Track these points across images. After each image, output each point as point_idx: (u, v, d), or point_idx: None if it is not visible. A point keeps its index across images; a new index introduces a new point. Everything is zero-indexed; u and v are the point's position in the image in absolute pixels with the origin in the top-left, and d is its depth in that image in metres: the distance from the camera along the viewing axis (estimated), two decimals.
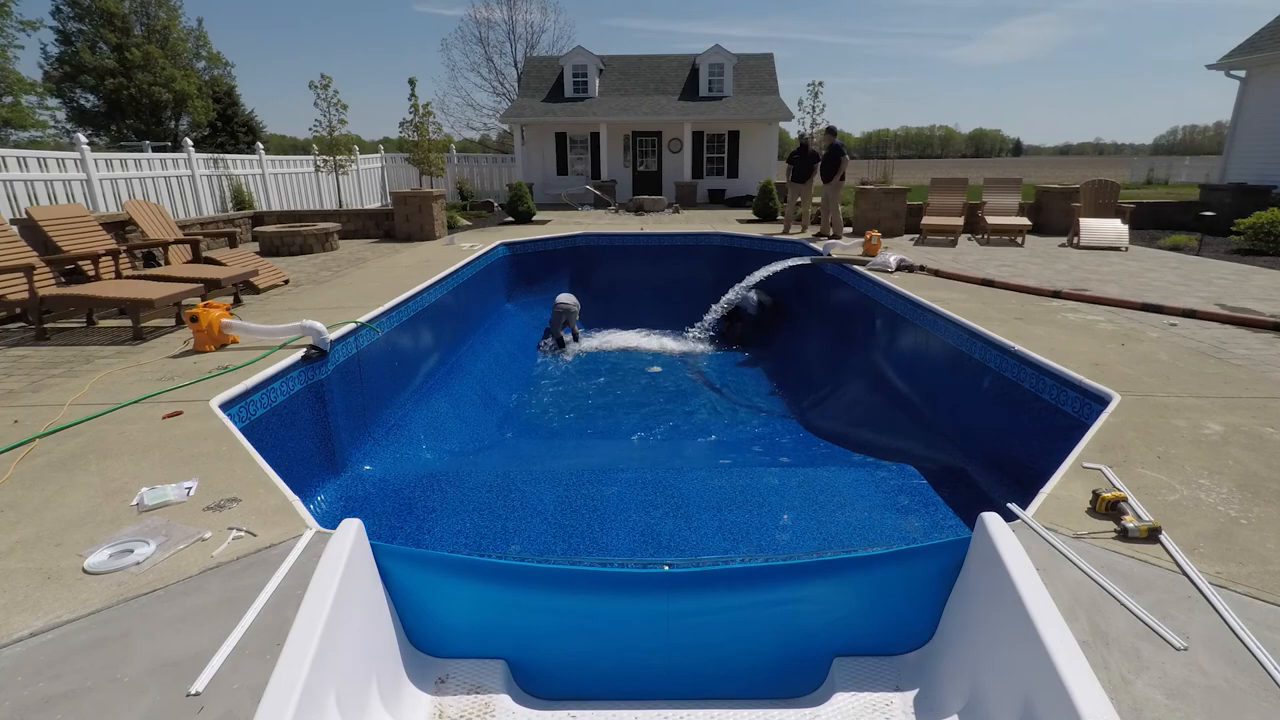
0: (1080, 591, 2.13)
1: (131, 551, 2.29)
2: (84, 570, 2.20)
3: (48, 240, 5.94)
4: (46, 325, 5.23)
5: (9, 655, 1.84)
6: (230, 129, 31.48)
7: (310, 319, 4.56)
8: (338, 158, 14.96)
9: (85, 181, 9.12)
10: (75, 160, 9.01)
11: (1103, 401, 3.64)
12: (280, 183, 14.36)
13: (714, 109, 18.93)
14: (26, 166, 8.31)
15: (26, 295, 5.06)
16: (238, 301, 6.23)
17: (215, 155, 12.62)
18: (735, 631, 2.54)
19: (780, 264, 8.98)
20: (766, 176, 15.99)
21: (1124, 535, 2.41)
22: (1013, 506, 2.67)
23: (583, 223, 12.91)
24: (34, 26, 23.96)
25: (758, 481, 4.33)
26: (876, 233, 8.71)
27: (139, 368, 4.28)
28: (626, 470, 4.60)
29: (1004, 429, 4.44)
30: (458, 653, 2.54)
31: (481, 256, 9.03)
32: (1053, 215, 11.21)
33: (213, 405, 3.52)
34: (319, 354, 4.47)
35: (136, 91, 27.29)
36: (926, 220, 10.30)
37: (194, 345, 4.58)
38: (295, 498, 2.73)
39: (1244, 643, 1.89)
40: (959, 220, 10.27)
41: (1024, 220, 10.20)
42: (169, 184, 10.90)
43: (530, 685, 2.54)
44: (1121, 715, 1.64)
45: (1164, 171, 27.20)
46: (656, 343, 9.68)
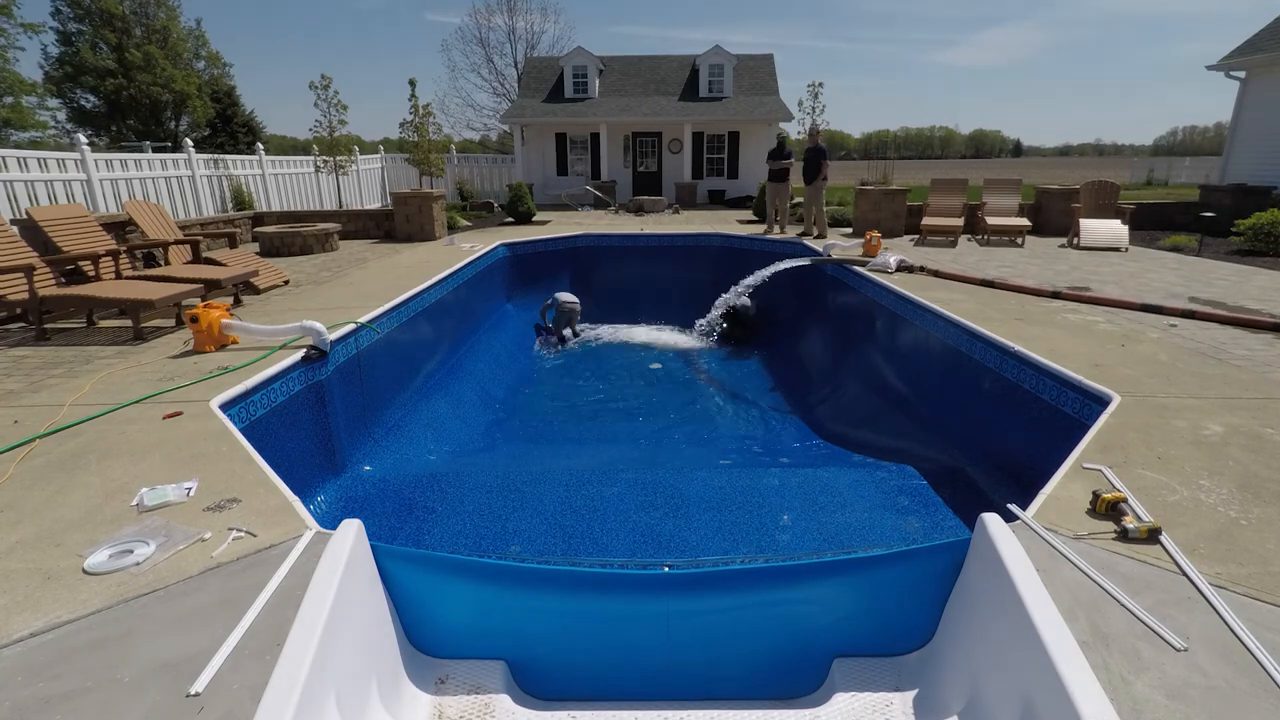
0: (1080, 592, 2.13)
1: (131, 552, 2.29)
2: (84, 570, 2.20)
3: (48, 240, 5.94)
4: (47, 325, 5.23)
5: (9, 655, 1.84)
6: (230, 129, 31.50)
7: (310, 319, 4.56)
8: (338, 158, 14.96)
9: (85, 182, 9.12)
10: (75, 161, 9.01)
11: (1103, 402, 3.64)
12: (280, 183, 14.36)
13: (714, 109, 18.94)
14: (27, 167, 8.31)
15: (27, 295, 5.06)
16: (238, 302, 6.24)
17: (215, 156, 12.62)
18: (735, 632, 2.54)
19: (780, 265, 8.98)
20: (766, 178, 15.97)
21: (1124, 536, 2.41)
22: (1013, 507, 2.67)
23: (583, 223, 12.91)
24: (36, 30, 23.98)
25: (758, 481, 4.33)
26: (876, 233, 8.72)
27: (139, 368, 4.28)
28: (626, 470, 4.60)
29: (1004, 430, 4.44)
30: (458, 653, 2.54)
31: (481, 257, 9.03)
32: (1053, 216, 11.21)
33: (213, 405, 3.52)
34: (319, 354, 4.47)
35: (136, 92, 27.32)
36: (926, 221, 10.30)
37: (194, 345, 4.58)
38: (295, 498, 2.73)
39: (1244, 643, 1.89)
40: (959, 221, 10.27)
41: (1024, 221, 10.20)
42: (169, 184, 10.90)
43: (530, 686, 2.54)
44: (1121, 715, 1.64)
45: (1164, 172, 27.22)
46: (657, 339, 9.69)
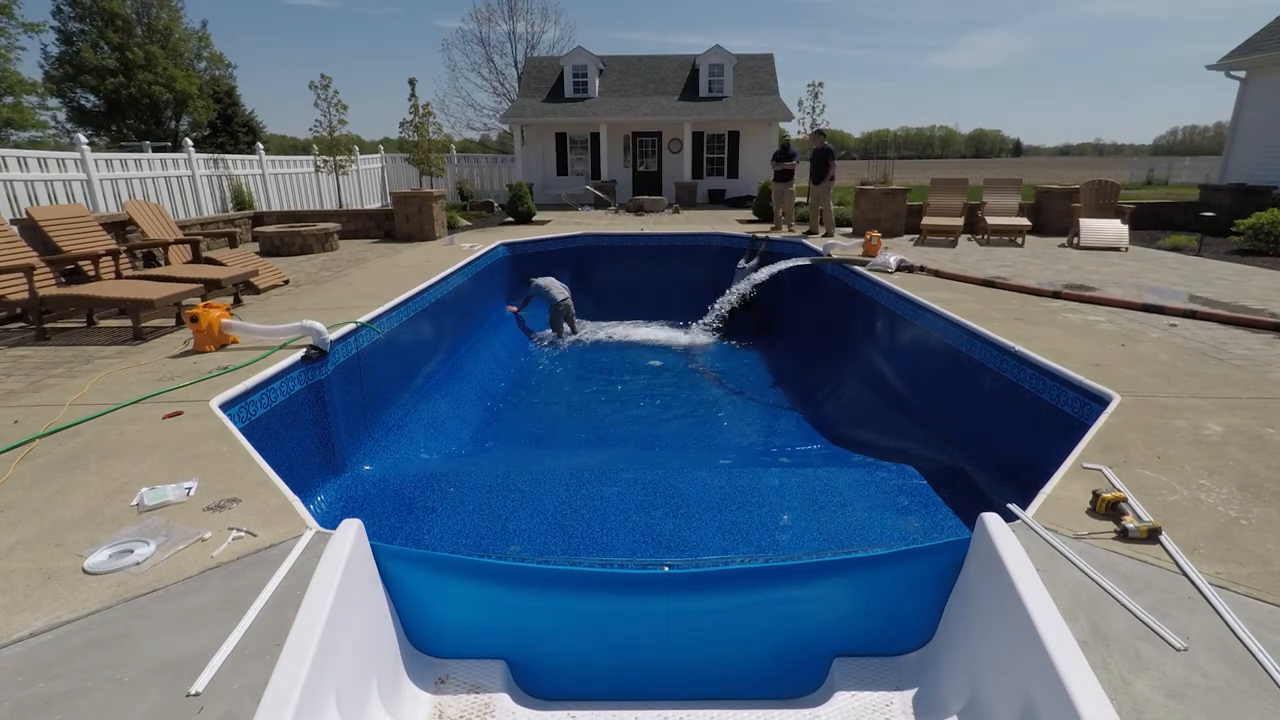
0: (1080, 592, 2.13)
1: (131, 552, 2.29)
2: (84, 570, 2.20)
3: (48, 240, 5.94)
4: (46, 325, 5.23)
5: (9, 655, 1.84)
6: (230, 129, 31.50)
7: (310, 319, 4.56)
8: (338, 158, 14.96)
9: (85, 182, 9.12)
10: (75, 160, 9.01)
11: (1103, 402, 3.64)
12: (280, 183, 14.36)
13: (714, 109, 18.93)
14: (27, 166, 8.31)
15: (26, 295, 5.06)
16: (238, 301, 6.24)
17: (215, 155, 12.62)
18: (735, 632, 2.54)
19: (780, 264, 8.99)
20: (767, 177, 15.96)
21: (1124, 536, 2.41)
22: (1013, 507, 2.67)
23: (583, 223, 12.91)
24: (37, 29, 23.97)
25: (758, 481, 4.33)
26: (876, 233, 8.72)
27: (139, 368, 4.28)
28: (626, 470, 4.60)
29: (1004, 429, 4.44)
30: (458, 653, 2.54)
31: (481, 257, 9.03)
32: (1053, 216, 11.21)
33: (213, 405, 3.52)
34: (319, 354, 4.47)
35: (137, 91, 27.32)
36: (926, 220, 10.30)
37: (194, 345, 4.58)
38: (295, 498, 2.73)
39: (1244, 643, 1.89)
40: (959, 220, 10.26)
41: (1024, 221, 10.20)
42: (169, 184, 10.90)
43: (530, 685, 2.54)
44: (1121, 715, 1.64)
45: (1164, 172, 27.21)
46: (657, 337, 9.69)
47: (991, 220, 10.18)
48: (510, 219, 13.56)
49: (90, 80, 27.21)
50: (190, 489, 2.73)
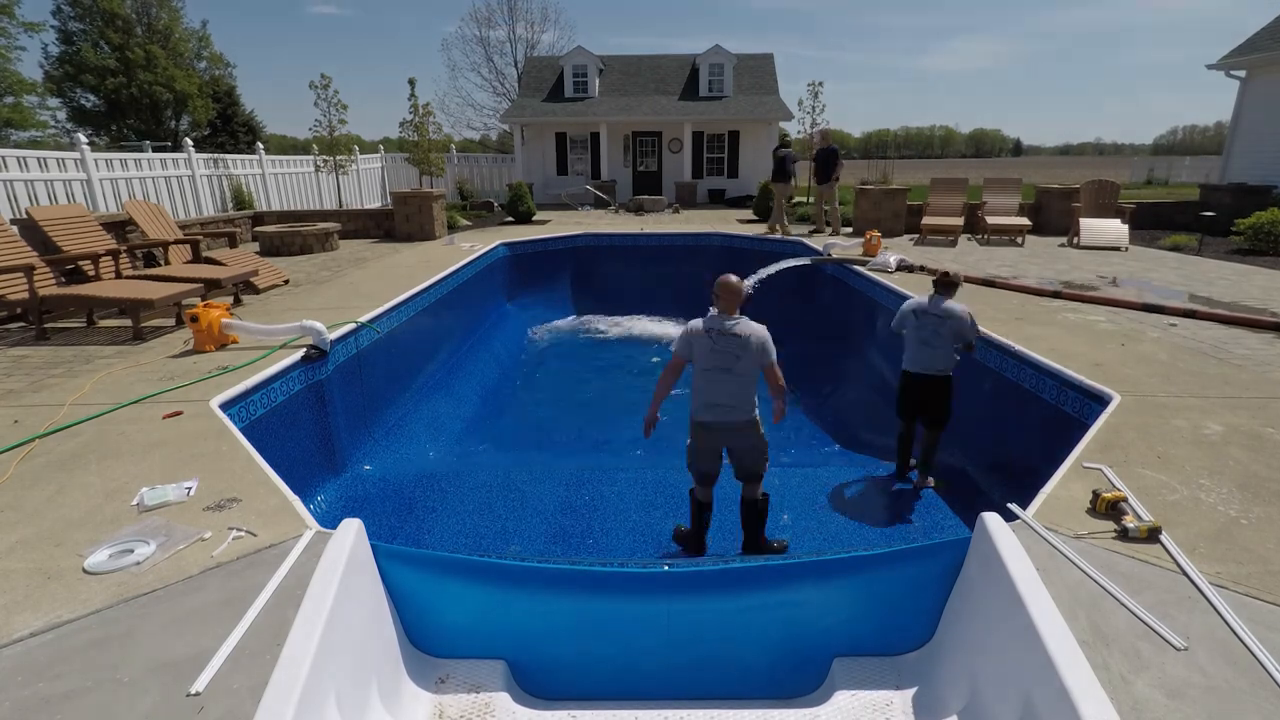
0: (1080, 591, 2.13)
1: (132, 551, 2.29)
2: (84, 570, 2.21)
3: (48, 240, 5.94)
4: (47, 325, 5.23)
5: (9, 655, 1.84)
6: (230, 129, 31.48)
7: (310, 319, 4.56)
8: (338, 158, 14.95)
9: (85, 181, 9.12)
10: (75, 160, 9.00)
11: (1103, 401, 3.64)
12: (280, 183, 14.35)
13: (714, 109, 18.92)
14: (27, 166, 8.30)
15: (27, 295, 5.06)
16: (238, 301, 6.23)
17: (215, 155, 12.61)
18: (735, 631, 2.53)
19: (780, 264, 8.98)
20: (766, 177, 15.97)
21: (1124, 535, 2.41)
22: (1013, 506, 2.67)
23: (583, 223, 12.90)
24: (37, 29, 23.97)
25: None
26: (876, 233, 8.71)
27: (139, 368, 4.28)
28: (626, 470, 4.61)
29: (1004, 429, 4.44)
30: (458, 653, 2.54)
31: (481, 256, 9.03)
32: (1053, 215, 11.20)
33: (213, 405, 3.52)
34: (319, 354, 4.47)
35: (137, 91, 27.31)
36: (926, 220, 10.30)
37: (194, 345, 4.58)
38: (295, 498, 2.73)
39: (1244, 643, 1.89)
40: (959, 220, 10.26)
41: (1024, 220, 10.20)
42: (169, 184, 10.89)
43: (530, 685, 2.54)
44: (1121, 715, 1.64)
45: (1164, 172, 27.18)
46: (657, 332, 9.69)
47: (992, 220, 10.18)
48: (510, 219, 13.55)
49: (90, 80, 27.18)
50: (190, 489, 2.73)
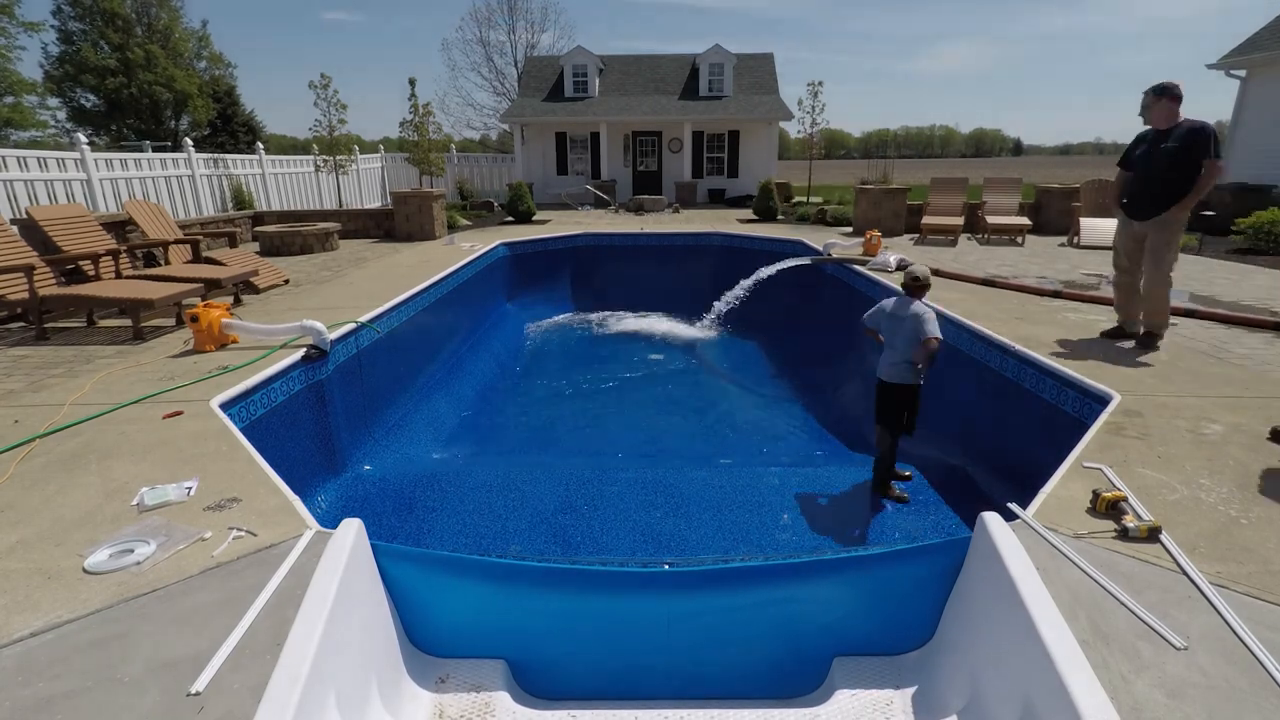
0: (1080, 591, 2.13)
1: (132, 551, 2.29)
2: (84, 570, 2.20)
3: (48, 240, 5.94)
4: (47, 325, 5.23)
5: (9, 655, 1.84)
6: (230, 129, 31.49)
7: (310, 319, 4.56)
8: (338, 158, 14.96)
9: (85, 181, 9.12)
10: (75, 160, 9.00)
11: (1103, 401, 3.63)
12: (280, 183, 14.35)
13: (714, 109, 18.93)
14: (26, 166, 8.31)
15: (26, 295, 5.06)
16: (238, 301, 6.24)
17: (215, 155, 12.61)
18: (735, 631, 2.54)
19: (780, 264, 8.99)
20: (766, 176, 15.97)
21: (1124, 535, 2.41)
22: (1013, 506, 2.67)
23: (583, 223, 12.90)
24: (37, 28, 23.97)
25: (758, 481, 4.33)
26: (876, 232, 8.71)
27: (139, 368, 4.28)
28: (626, 469, 4.61)
29: (1004, 428, 4.44)
30: (458, 652, 2.54)
31: (481, 256, 9.03)
32: (1053, 215, 11.21)
33: (213, 405, 3.52)
34: (319, 354, 4.47)
35: (137, 91, 27.32)
36: (926, 220, 10.29)
37: (194, 345, 4.58)
38: (295, 498, 2.72)
39: (1244, 643, 1.89)
40: (959, 220, 10.26)
41: (1024, 220, 10.19)
42: (169, 184, 10.89)
43: (530, 685, 2.54)
44: (1121, 715, 1.64)
45: None
46: (656, 329, 9.70)
47: (992, 219, 10.18)
48: (510, 218, 13.56)
49: (90, 80, 27.19)
50: (190, 489, 2.73)
